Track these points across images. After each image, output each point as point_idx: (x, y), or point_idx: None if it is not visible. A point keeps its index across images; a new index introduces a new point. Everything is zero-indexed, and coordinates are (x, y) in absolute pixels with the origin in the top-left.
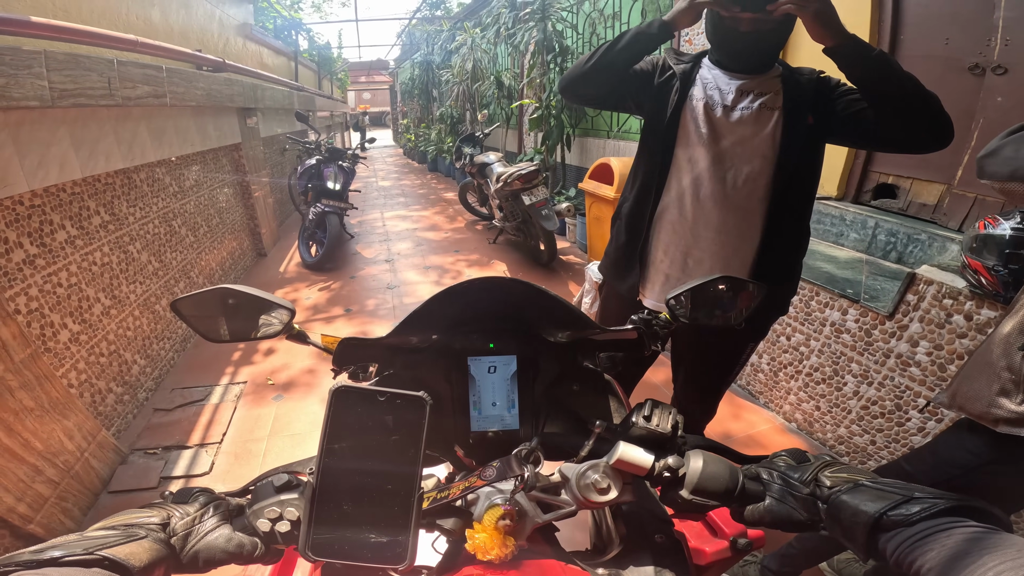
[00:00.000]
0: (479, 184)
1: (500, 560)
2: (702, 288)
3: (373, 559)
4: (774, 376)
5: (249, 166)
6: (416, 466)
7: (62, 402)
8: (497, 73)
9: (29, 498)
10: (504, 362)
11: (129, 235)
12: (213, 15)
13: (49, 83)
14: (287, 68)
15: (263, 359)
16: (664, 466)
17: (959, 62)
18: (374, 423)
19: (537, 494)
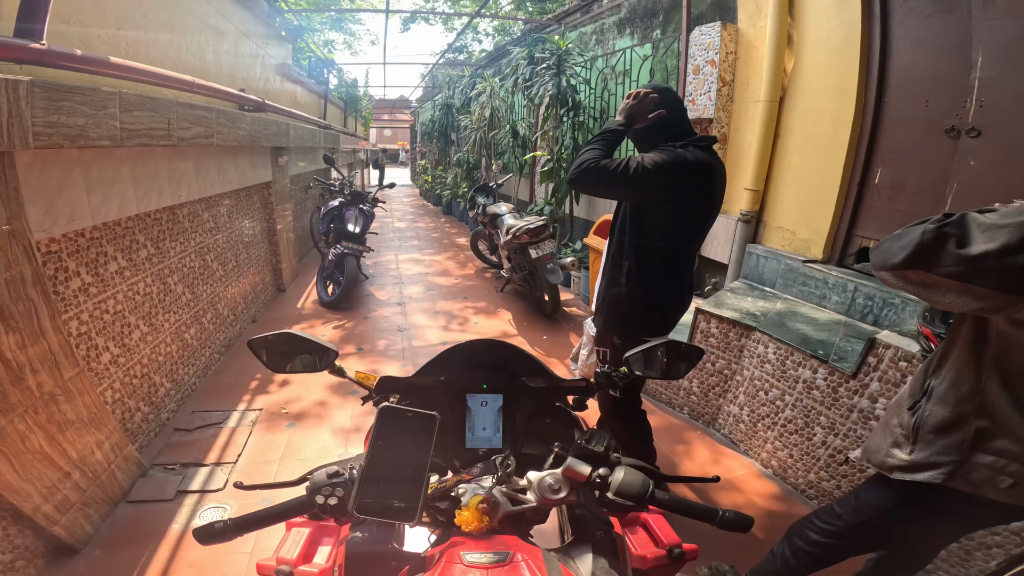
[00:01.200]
0: (490, 233)
1: (477, 531)
2: (654, 349)
3: (394, 516)
4: (753, 426)
5: (276, 203)
6: (427, 459)
7: (98, 417)
8: (513, 122)
9: (56, 500)
10: (493, 399)
11: (169, 268)
12: (257, 55)
13: (120, 123)
14: (317, 105)
15: (278, 389)
16: (596, 474)
17: (937, 124)
18: (403, 431)
19: (509, 492)
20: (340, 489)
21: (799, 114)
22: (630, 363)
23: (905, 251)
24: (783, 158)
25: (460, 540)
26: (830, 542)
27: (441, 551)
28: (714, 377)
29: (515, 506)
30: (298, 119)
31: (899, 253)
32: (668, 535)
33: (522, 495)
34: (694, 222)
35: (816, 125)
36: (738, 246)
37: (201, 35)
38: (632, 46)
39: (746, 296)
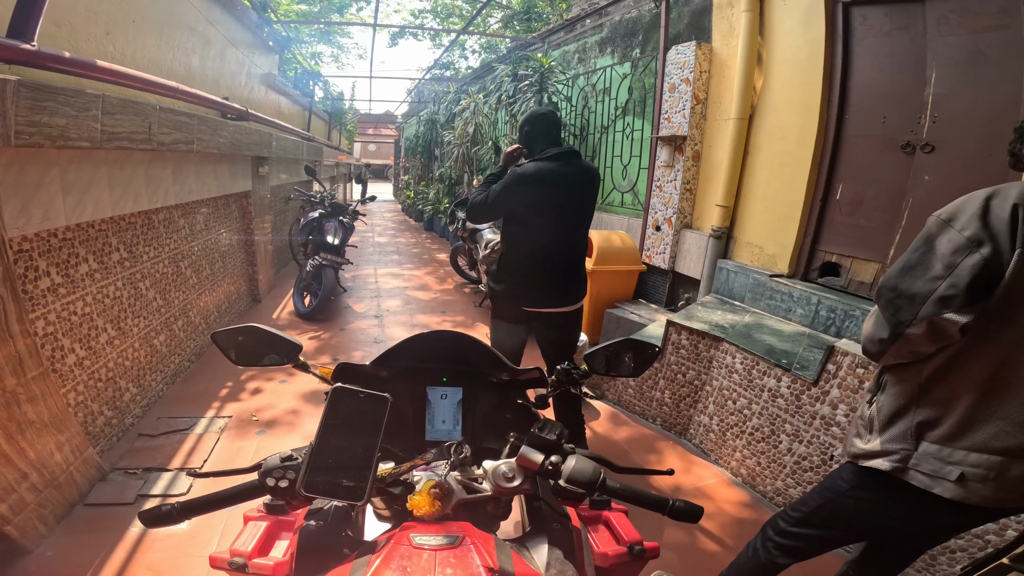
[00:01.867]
0: (470, 248)
1: (429, 516)
2: (613, 347)
3: (342, 496)
4: (723, 435)
5: (255, 213)
6: (377, 441)
7: (59, 418)
8: (496, 139)
9: (11, 501)
10: (453, 392)
11: (141, 272)
12: (243, 64)
13: (101, 126)
14: (301, 117)
15: (249, 397)
16: (549, 462)
17: (893, 140)
18: (355, 412)
19: (463, 480)
20: (291, 472)
21: (767, 131)
22: (590, 361)
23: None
24: (752, 175)
25: (411, 525)
26: (797, 531)
27: (391, 535)
28: (685, 388)
29: (469, 494)
30: (281, 130)
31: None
32: (630, 533)
33: (477, 483)
34: (544, 216)
35: (783, 142)
36: (709, 261)
37: (188, 42)
38: (612, 64)
39: (716, 309)
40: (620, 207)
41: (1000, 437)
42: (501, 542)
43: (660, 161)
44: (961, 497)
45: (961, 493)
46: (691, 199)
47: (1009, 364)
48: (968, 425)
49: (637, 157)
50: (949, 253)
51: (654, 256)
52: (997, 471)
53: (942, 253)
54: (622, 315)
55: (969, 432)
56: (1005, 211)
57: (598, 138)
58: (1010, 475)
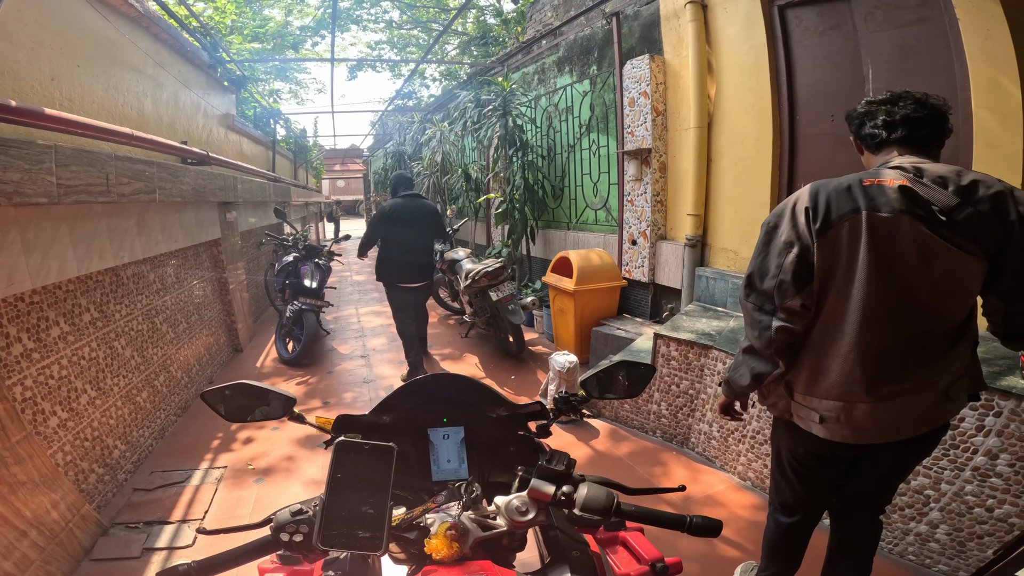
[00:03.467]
0: (450, 280)
1: (448, 559)
2: (608, 371)
3: (360, 547)
4: (724, 441)
5: (227, 260)
6: (387, 489)
7: (50, 478)
8: (464, 166)
9: (15, 558)
10: (455, 431)
11: (115, 331)
12: (199, 106)
13: (57, 179)
14: (265, 157)
15: (242, 447)
16: (561, 493)
17: (844, 137)
18: (361, 464)
19: (477, 518)
20: (304, 525)
21: (726, 137)
22: (585, 386)
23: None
24: (718, 181)
25: (432, 568)
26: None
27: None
28: (680, 398)
29: (485, 531)
30: (245, 172)
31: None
32: (649, 551)
33: (491, 520)
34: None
35: (742, 146)
36: (688, 270)
37: (138, 85)
38: (572, 83)
39: (700, 318)
40: (595, 224)
41: (836, 386)
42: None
43: (628, 175)
44: (828, 435)
45: (826, 432)
46: (663, 210)
47: (830, 327)
48: (815, 380)
49: (606, 173)
50: (776, 255)
51: (633, 270)
52: (844, 413)
53: (773, 256)
54: (609, 332)
55: (816, 385)
56: (801, 214)
57: (566, 157)
58: (855, 416)
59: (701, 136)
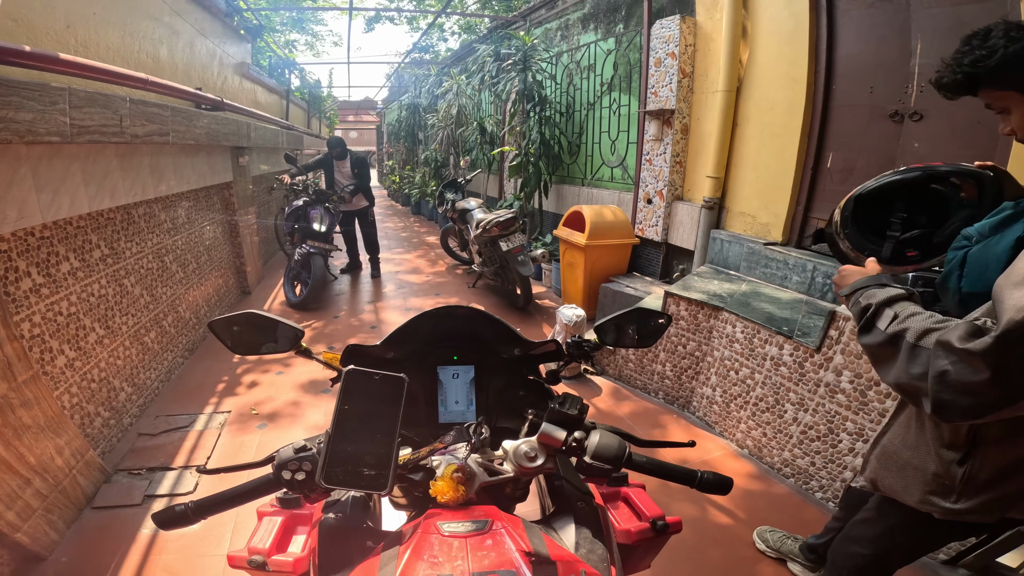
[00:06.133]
0: (460, 229)
1: (454, 502)
2: (623, 317)
3: (365, 486)
4: (726, 407)
5: (238, 204)
6: (396, 424)
7: (55, 422)
8: (480, 119)
9: (18, 507)
10: (465, 371)
11: (125, 269)
12: (214, 54)
13: (70, 119)
14: (279, 106)
15: (247, 391)
16: (572, 438)
17: (882, 110)
18: (371, 395)
19: (484, 462)
20: (307, 463)
21: (755, 103)
22: (599, 333)
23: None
24: (742, 146)
25: (437, 512)
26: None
27: (417, 524)
28: (686, 360)
29: (491, 476)
30: (259, 119)
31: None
32: (651, 508)
33: (498, 465)
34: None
35: (771, 113)
36: (703, 232)
37: (154, 32)
38: (596, 41)
39: (712, 279)
40: (610, 182)
41: None
42: (530, 524)
43: (649, 135)
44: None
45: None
46: (681, 171)
47: None
48: None
49: (625, 132)
50: None
51: (647, 229)
52: None
53: None
54: (617, 289)
55: None
56: None
57: (585, 115)
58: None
59: (728, 100)
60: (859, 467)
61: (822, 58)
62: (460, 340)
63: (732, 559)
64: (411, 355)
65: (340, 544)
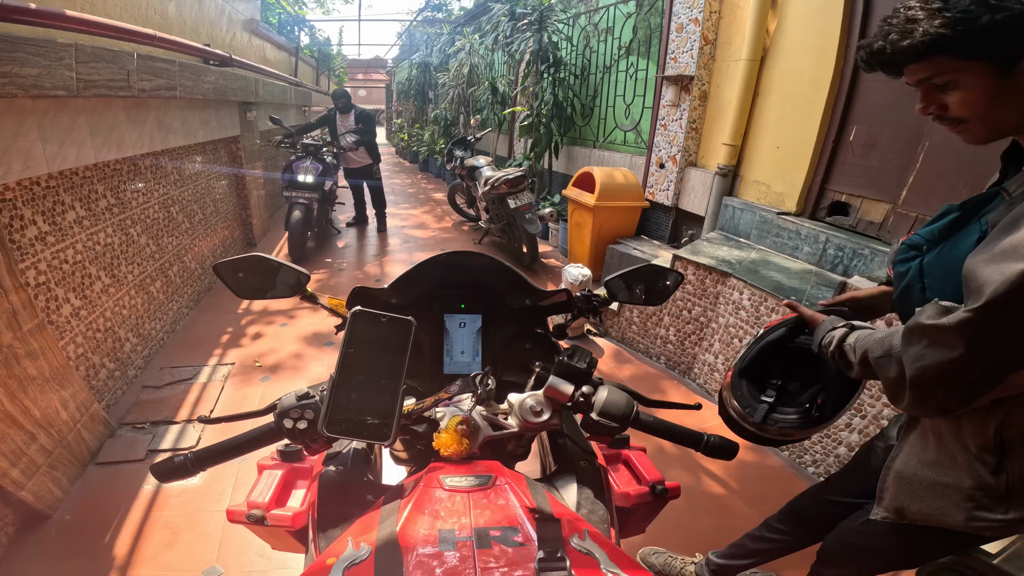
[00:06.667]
0: (468, 186)
1: (457, 455)
2: (634, 274)
3: (368, 436)
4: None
5: (245, 158)
6: (402, 369)
7: (61, 373)
8: (492, 79)
9: (23, 464)
10: (472, 319)
11: (131, 218)
12: (223, 10)
13: (76, 74)
14: (287, 63)
15: (251, 342)
16: (580, 393)
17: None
18: (377, 339)
19: (489, 415)
20: (309, 411)
21: (779, 73)
22: (610, 288)
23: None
24: (761, 115)
25: (439, 466)
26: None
27: (418, 478)
28: (690, 325)
29: (496, 431)
30: (267, 75)
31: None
32: (651, 472)
33: (503, 420)
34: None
35: (795, 84)
36: (715, 199)
37: None
38: (616, 3)
39: (722, 246)
40: (622, 145)
41: None
42: (533, 481)
43: (665, 100)
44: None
45: None
46: (696, 138)
47: None
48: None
49: (641, 97)
50: None
51: (657, 193)
52: None
53: None
54: (625, 251)
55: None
56: None
57: (600, 78)
58: None
59: (752, 69)
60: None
61: (855, 32)
62: (468, 288)
63: (724, 529)
64: (418, 301)
65: (340, 498)
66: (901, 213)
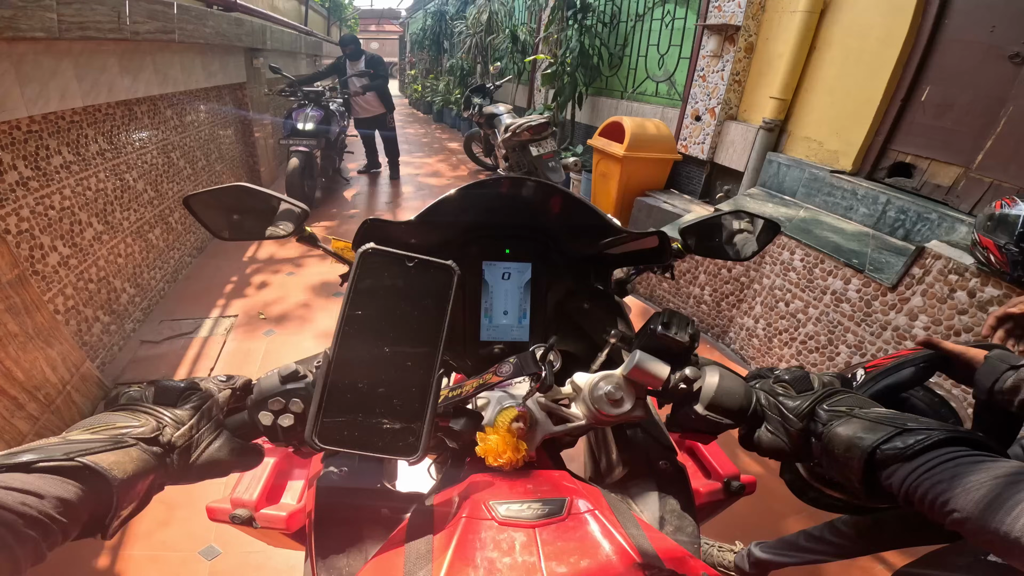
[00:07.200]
0: (486, 134)
1: (511, 465)
2: (716, 221)
3: (383, 449)
4: (768, 342)
5: (252, 106)
6: (438, 345)
7: (47, 329)
8: (513, 27)
9: (8, 435)
10: (519, 269)
11: (126, 164)
12: None
13: (58, 16)
14: (297, 12)
15: (256, 292)
16: (681, 377)
17: (1000, 50)
18: (399, 294)
19: (548, 404)
20: (297, 401)
21: (842, 27)
22: (686, 237)
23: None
24: (818, 70)
25: (484, 480)
26: None
27: (459, 495)
28: (729, 285)
29: (557, 426)
30: (275, 22)
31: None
32: (723, 464)
33: (566, 409)
34: None
35: (861, 39)
36: (757, 154)
37: None
38: None
39: (766, 202)
40: (653, 96)
41: None
42: (616, 500)
43: (706, 51)
44: None
45: None
46: (739, 90)
47: None
48: None
49: (677, 47)
50: None
51: (691, 146)
52: None
53: None
54: (654, 203)
55: None
56: None
57: (631, 26)
58: None
59: (810, 22)
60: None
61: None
62: (514, 228)
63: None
64: (447, 245)
65: (345, 515)
66: (974, 178)
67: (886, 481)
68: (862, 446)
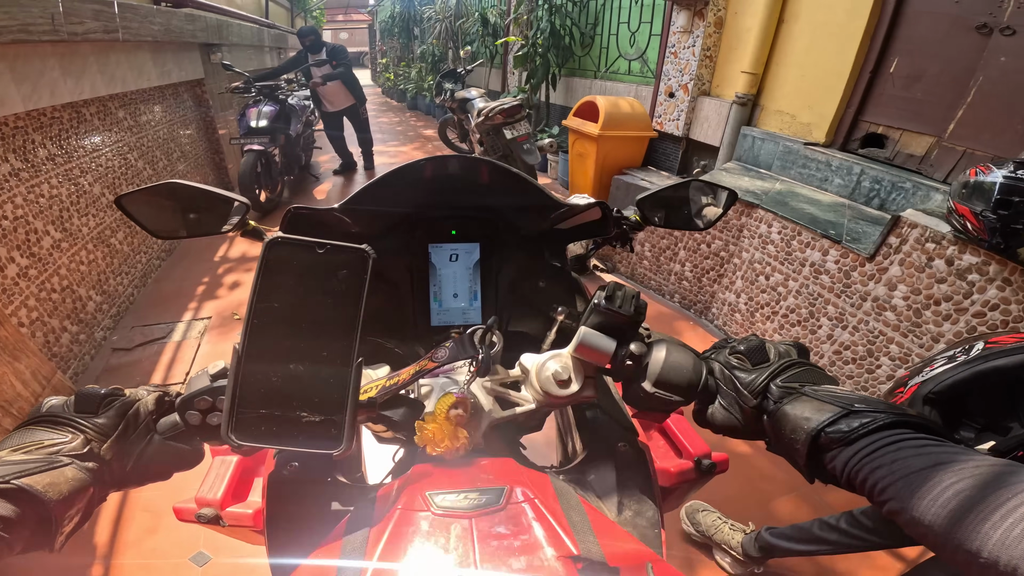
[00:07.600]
0: (459, 120)
1: (451, 453)
2: (673, 191)
3: (305, 443)
4: (751, 316)
5: (214, 102)
6: (354, 334)
7: (13, 343)
8: (482, 10)
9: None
10: (466, 250)
11: (79, 168)
12: None
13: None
14: (257, 5)
15: (228, 292)
16: (626, 353)
17: (967, 21)
18: (311, 283)
19: (496, 388)
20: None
21: (809, 1)
22: (643, 208)
23: None
24: (787, 43)
25: (425, 469)
26: None
27: (399, 487)
28: (709, 260)
29: (505, 410)
30: (231, 16)
31: None
32: (694, 442)
33: (514, 392)
34: None
35: (828, 12)
36: (731, 128)
37: None
38: None
39: (742, 176)
40: (626, 75)
41: None
42: (563, 487)
43: (676, 27)
44: None
45: None
46: (711, 66)
47: None
48: None
49: (648, 23)
50: None
51: (666, 123)
52: None
53: None
54: (631, 181)
55: None
56: None
57: (601, 4)
58: None
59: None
60: None
61: None
62: (459, 208)
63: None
64: (390, 228)
65: (297, 507)
66: (947, 147)
67: (829, 464)
68: (807, 428)
